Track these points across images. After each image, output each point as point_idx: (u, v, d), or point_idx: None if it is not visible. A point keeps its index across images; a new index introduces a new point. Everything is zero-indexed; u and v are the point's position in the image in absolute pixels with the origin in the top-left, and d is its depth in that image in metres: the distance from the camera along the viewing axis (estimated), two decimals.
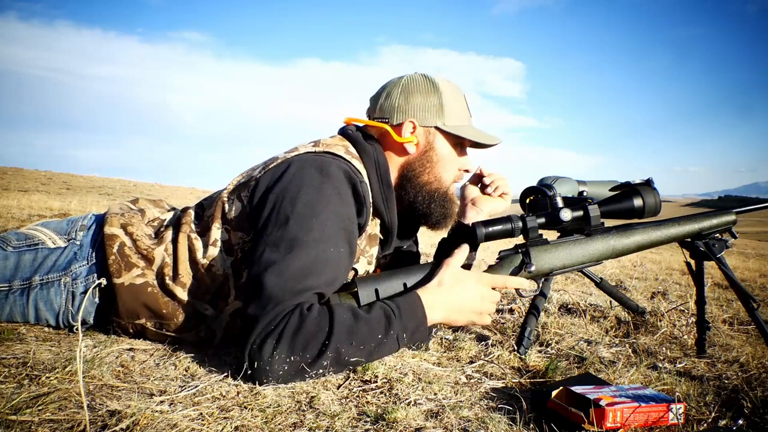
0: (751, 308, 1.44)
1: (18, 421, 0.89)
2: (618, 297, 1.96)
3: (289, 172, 1.30)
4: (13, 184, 15.63)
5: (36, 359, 1.16)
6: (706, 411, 1.19)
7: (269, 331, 1.12)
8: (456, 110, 1.50)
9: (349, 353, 1.17)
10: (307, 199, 1.25)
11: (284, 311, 1.14)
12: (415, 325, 1.26)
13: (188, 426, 0.93)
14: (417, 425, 1.01)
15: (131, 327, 1.38)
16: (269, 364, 1.11)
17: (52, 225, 1.51)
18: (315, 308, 1.16)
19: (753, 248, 14.87)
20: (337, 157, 1.35)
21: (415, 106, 1.47)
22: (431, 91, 1.49)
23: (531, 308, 1.60)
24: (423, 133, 1.48)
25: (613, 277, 3.90)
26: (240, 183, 1.39)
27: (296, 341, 1.12)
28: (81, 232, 1.46)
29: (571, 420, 1.05)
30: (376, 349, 1.21)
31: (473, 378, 1.32)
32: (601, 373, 1.40)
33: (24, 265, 1.40)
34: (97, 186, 19.50)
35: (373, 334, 1.19)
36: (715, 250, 1.51)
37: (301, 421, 1.00)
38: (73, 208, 6.95)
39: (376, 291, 1.33)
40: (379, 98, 1.52)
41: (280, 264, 1.18)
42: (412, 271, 1.38)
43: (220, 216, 1.37)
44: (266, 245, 1.22)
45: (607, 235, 1.44)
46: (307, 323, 1.13)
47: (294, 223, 1.22)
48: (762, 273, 5.34)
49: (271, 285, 1.15)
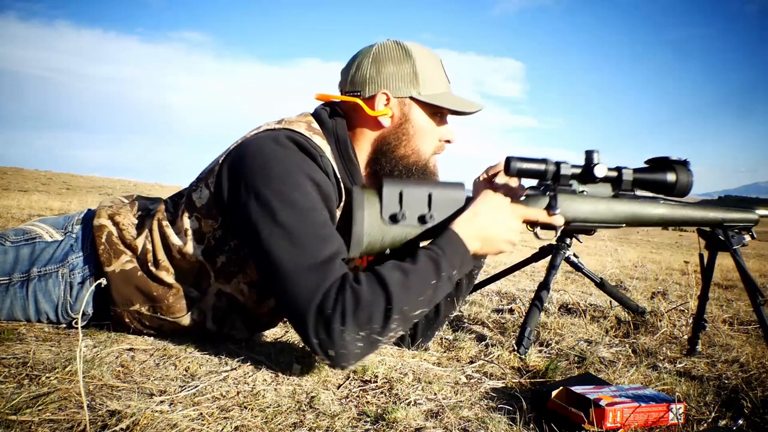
0: (757, 303, 1.44)
1: (18, 421, 0.89)
2: (618, 297, 1.97)
3: (250, 151, 1.26)
4: (13, 184, 15.64)
5: (36, 359, 1.16)
6: (706, 411, 1.19)
7: (328, 316, 1.09)
8: (432, 78, 1.43)
9: (412, 308, 1.15)
10: (278, 171, 1.21)
11: (331, 291, 1.11)
12: (461, 260, 1.25)
13: (188, 426, 0.93)
14: (417, 425, 1.01)
15: (127, 316, 1.39)
16: (344, 347, 1.09)
17: (50, 220, 1.53)
18: (361, 277, 1.13)
19: (753, 248, 14.87)
20: (296, 133, 1.31)
21: (387, 76, 1.40)
22: (404, 58, 1.41)
23: (531, 308, 1.60)
24: (397, 104, 1.41)
25: (613, 277, 3.91)
26: (206, 170, 1.37)
27: (359, 316, 1.09)
28: (77, 226, 1.48)
29: (571, 420, 1.05)
30: (434, 294, 1.20)
31: (473, 378, 1.32)
32: (601, 373, 1.41)
33: (22, 258, 1.42)
34: (97, 186, 19.50)
35: (426, 282, 1.18)
36: (734, 241, 1.52)
37: (301, 421, 1.00)
38: (73, 208, 6.96)
39: (401, 194, 1.31)
40: (350, 70, 1.44)
41: (290, 249, 1.15)
42: (439, 185, 1.36)
43: (189, 204, 1.35)
44: (264, 235, 1.18)
45: (633, 201, 1.45)
46: (362, 295, 1.10)
47: (278, 203, 1.18)
48: (762, 273, 5.35)
49: (295, 273, 1.13)
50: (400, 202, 1.32)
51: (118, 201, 1.56)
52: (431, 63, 1.45)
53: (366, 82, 1.41)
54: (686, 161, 1.45)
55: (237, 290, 1.38)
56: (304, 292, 1.12)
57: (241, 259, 1.35)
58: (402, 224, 1.32)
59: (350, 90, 1.43)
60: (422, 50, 1.44)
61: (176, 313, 1.37)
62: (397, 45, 1.43)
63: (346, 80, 1.45)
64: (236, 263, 1.35)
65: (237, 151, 1.29)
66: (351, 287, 1.11)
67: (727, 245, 1.53)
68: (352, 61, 1.46)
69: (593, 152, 1.42)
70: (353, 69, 1.44)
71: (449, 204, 1.35)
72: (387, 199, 1.31)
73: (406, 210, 1.32)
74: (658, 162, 1.47)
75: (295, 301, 1.12)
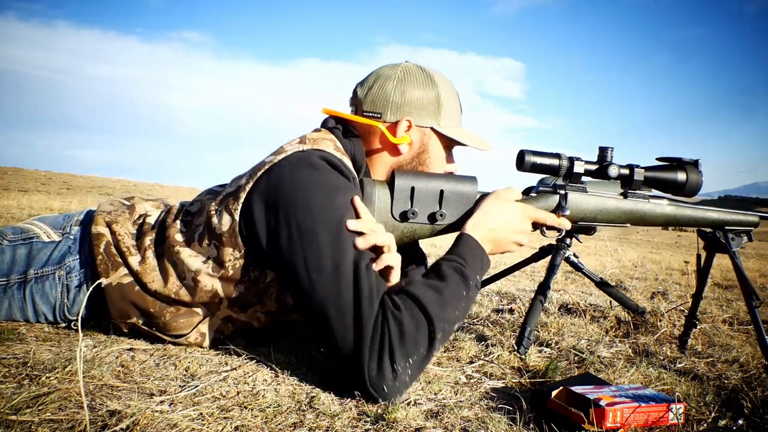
0: (752, 306, 1.45)
1: (18, 421, 0.89)
2: (618, 297, 1.96)
3: (285, 179, 1.20)
4: (13, 184, 15.63)
5: (36, 359, 1.16)
6: (706, 411, 1.19)
7: (377, 352, 1.08)
8: (451, 110, 1.42)
9: (451, 324, 1.16)
10: (318, 199, 1.17)
11: (377, 328, 1.09)
12: (481, 266, 1.27)
13: (188, 426, 0.93)
14: (417, 425, 1.01)
15: (125, 327, 1.38)
16: (397, 379, 1.08)
17: (49, 219, 1.50)
18: (398, 302, 1.12)
19: (753, 248, 14.86)
20: (326, 153, 1.27)
21: (412, 102, 1.37)
22: (430, 86, 1.38)
23: (531, 308, 1.60)
24: (418, 132, 1.39)
25: (613, 277, 3.90)
26: (228, 193, 1.29)
27: (406, 345, 1.09)
28: (76, 227, 1.45)
29: (571, 420, 1.05)
30: (467, 304, 1.21)
31: (473, 378, 1.32)
32: (601, 373, 1.40)
33: (19, 259, 1.40)
34: (97, 186, 19.49)
35: (459, 295, 1.18)
36: (733, 243, 1.54)
37: (301, 421, 1.00)
38: (73, 208, 6.96)
39: (412, 190, 1.31)
40: (371, 90, 1.39)
41: (335, 289, 1.11)
42: (452, 180, 1.36)
43: (208, 229, 1.28)
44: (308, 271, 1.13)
45: (641, 201, 1.46)
46: (404, 323, 1.09)
47: (321, 236, 1.14)
48: (762, 273, 5.35)
49: (343, 314, 1.10)
50: (411, 198, 1.31)
51: (117, 204, 1.51)
52: (451, 95, 1.43)
53: (389, 104, 1.37)
54: (697, 161, 1.46)
55: (252, 318, 1.36)
56: (353, 335, 1.09)
57: (261, 291, 1.31)
58: (412, 221, 1.31)
59: (369, 110, 1.39)
60: (445, 80, 1.42)
61: (173, 331, 1.34)
62: (422, 71, 1.40)
63: (364, 99, 1.40)
64: (255, 294, 1.31)
65: (268, 180, 1.22)
66: (393, 316, 1.10)
67: (726, 247, 1.54)
68: (373, 80, 1.40)
69: (607, 149, 1.41)
70: (375, 89, 1.39)
71: (461, 201, 1.35)
72: (398, 194, 1.30)
73: (416, 207, 1.32)
74: (670, 161, 1.47)
75: (346, 344, 1.10)
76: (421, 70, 1.40)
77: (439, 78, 1.41)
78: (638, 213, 1.45)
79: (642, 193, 1.46)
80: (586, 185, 1.44)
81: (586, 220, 1.43)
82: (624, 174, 1.43)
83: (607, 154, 1.42)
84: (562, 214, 1.38)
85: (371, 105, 1.39)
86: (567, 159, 1.38)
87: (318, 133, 1.36)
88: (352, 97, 1.45)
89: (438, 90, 1.39)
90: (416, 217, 1.32)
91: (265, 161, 1.28)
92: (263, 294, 1.32)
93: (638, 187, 1.45)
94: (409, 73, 1.39)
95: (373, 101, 1.38)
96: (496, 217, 1.32)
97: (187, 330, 1.35)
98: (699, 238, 1.64)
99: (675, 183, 1.43)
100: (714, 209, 1.53)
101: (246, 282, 1.29)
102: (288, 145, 1.30)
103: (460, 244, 1.27)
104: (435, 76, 1.40)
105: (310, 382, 1.19)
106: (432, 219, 1.34)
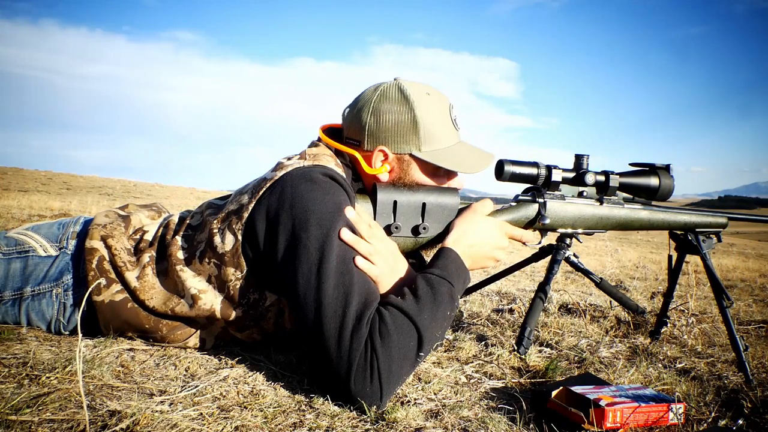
0: (723, 306, 1.50)
1: (18, 421, 0.89)
2: (618, 297, 1.96)
3: (287, 196, 1.19)
4: (13, 184, 15.63)
5: (36, 359, 1.16)
6: (706, 411, 1.19)
7: (368, 361, 1.06)
8: (435, 131, 1.34)
9: (436, 334, 1.16)
10: (319, 215, 1.16)
11: (368, 343, 1.07)
12: (463, 281, 1.27)
13: (188, 426, 0.93)
14: (417, 425, 1.01)
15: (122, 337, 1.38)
16: (388, 383, 1.07)
17: (43, 230, 1.44)
18: (384, 314, 1.10)
19: (753, 248, 14.87)
20: (328, 168, 1.26)
21: (386, 129, 1.31)
22: (405, 110, 1.31)
23: (531, 308, 1.60)
24: (396, 160, 1.34)
25: (613, 277, 3.90)
26: (230, 211, 1.27)
27: (391, 354, 1.07)
28: (72, 241, 1.40)
29: (571, 420, 1.05)
30: (451, 314, 1.21)
31: (473, 378, 1.32)
32: (601, 373, 1.40)
33: (14, 274, 1.35)
34: (97, 186, 19.49)
35: (446, 305, 1.18)
36: (704, 245, 1.59)
37: (301, 421, 1.00)
38: (73, 208, 6.95)
39: (395, 203, 1.31)
40: (353, 114, 1.36)
41: (332, 301, 1.10)
42: (433, 192, 1.35)
43: (210, 248, 1.27)
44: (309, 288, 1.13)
45: (618, 206, 1.51)
46: (391, 333, 1.08)
47: (322, 252, 1.13)
48: (762, 273, 5.34)
49: (336, 330, 1.09)
50: (394, 212, 1.32)
51: (113, 216, 1.45)
52: (436, 112, 1.35)
53: (364, 132, 1.33)
54: (668, 166, 1.53)
55: (248, 337, 1.37)
56: (345, 352, 1.07)
57: (259, 315, 1.30)
58: (395, 235, 1.32)
59: (350, 138, 1.37)
60: (427, 97, 1.34)
61: (172, 341, 1.35)
62: (400, 92, 1.33)
63: (347, 125, 1.38)
64: (252, 318, 1.31)
65: (271, 196, 1.21)
66: (378, 330, 1.09)
67: (697, 248, 1.60)
68: (354, 104, 1.38)
69: (583, 156, 1.48)
70: (354, 115, 1.36)
71: (443, 213, 1.36)
72: (381, 208, 1.31)
73: (399, 221, 1.32)
74: (642, 167, 1.52)
75: (339, 360, 1.08)
76: (399, 91, 1.33)
77: (418, 98, 1.33)
78: (614, 218, 1.50)
79: (617, 199, 1.51)
80: (564, 193, 1.48)
81: (565, 227, 1.48)
82: (600, 181, 1.47)
83: (583, 162, 1.47)
84: (543, 223, 1.42)
85: (351, 132, 1.37)
86: (545, 168, 1.42)
87: (317, 148, 1.34)
88: (342, 119, 1.43)
89: (415, 113, 1.32)
90: (400, 231, 1.32)
91: (266, 177, 1.26)
92: (261, 318, 1.31)
93: (614, 193, 1.49)
94: (384, 97, 1.33)
95: (353, 128, 1.36)
96: (473, 234, 1.32)
97: (185, 338, 1.35)
98: (670, 239, 1.69)
99: (648, 188, 1.49)
100: (685, 211, 1.58)
101: (244, 305, 1.28)
102: (288, 161, 1.29)
103: (443, 258, 1.26)
104: (414, 95, 1.33)
105: (310, 381, 1.19)
106: (415, 232, 1.34)
